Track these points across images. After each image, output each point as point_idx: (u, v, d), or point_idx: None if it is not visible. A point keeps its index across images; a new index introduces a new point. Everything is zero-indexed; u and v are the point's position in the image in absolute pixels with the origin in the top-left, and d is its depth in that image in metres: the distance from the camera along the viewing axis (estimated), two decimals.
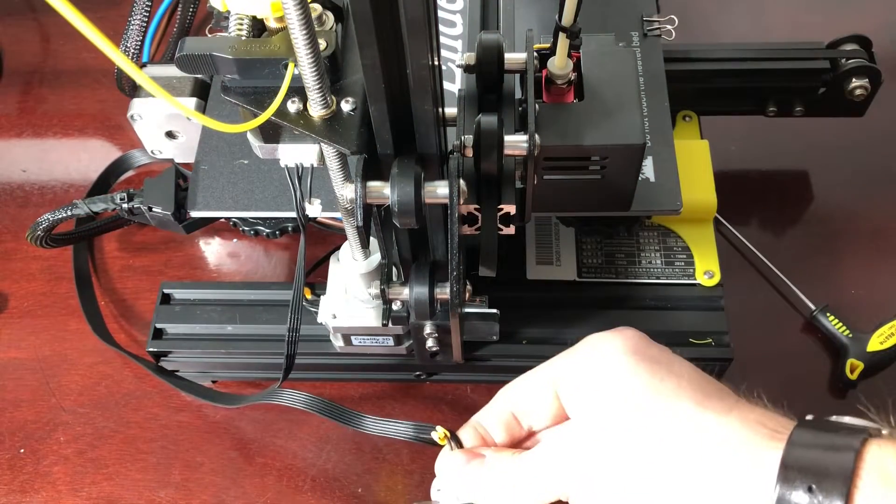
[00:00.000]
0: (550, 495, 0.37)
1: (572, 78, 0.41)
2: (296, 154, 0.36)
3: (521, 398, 0.40)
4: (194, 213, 0.48)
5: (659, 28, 0.51)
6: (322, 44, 0.32)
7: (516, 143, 0.36)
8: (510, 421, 0.41)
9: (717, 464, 0.32)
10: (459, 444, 0.42)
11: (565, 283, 0.51)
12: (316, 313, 0.47)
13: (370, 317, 0.46)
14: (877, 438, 0.31)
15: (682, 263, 0.51)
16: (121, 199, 0.50)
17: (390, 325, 0.44)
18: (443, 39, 0.50)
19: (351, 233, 0.41)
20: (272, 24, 0.33)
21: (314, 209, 0.38)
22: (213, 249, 0.60)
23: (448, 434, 0.42)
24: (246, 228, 0.57)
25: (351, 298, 0.46)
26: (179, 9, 0.65)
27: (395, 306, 0.43)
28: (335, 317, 0.46)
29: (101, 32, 0.22)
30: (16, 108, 0.68)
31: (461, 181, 0.34)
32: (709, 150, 0.53)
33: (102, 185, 0.62)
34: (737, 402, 0.35)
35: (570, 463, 0.36)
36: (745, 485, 0.31)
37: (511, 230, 0.39)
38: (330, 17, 0.34)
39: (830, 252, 0.57)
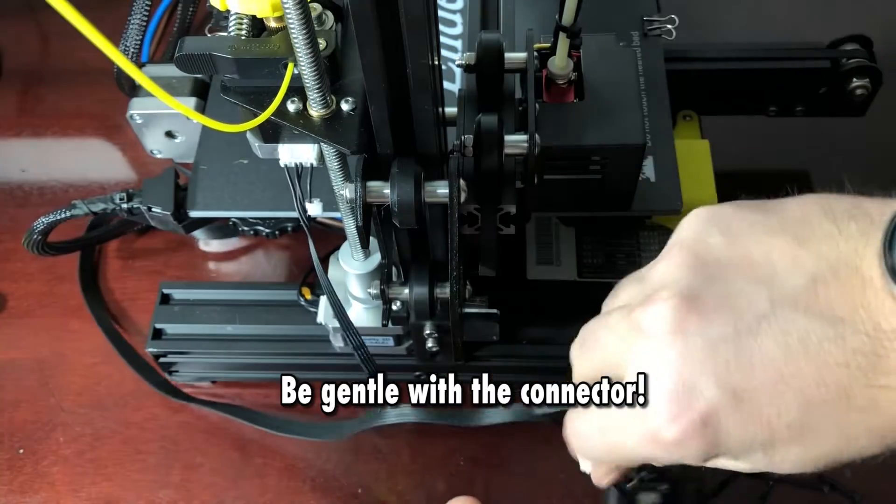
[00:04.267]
0: None
1: (572, 77, 0.41)
2: (295, 153, 0.36)
3: None
4: (193, 214, 0.48)
5: (659, 28, 0.51)
6: (322, 43, 0.32)
7: (516, 142, 0.36)
8: None
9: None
10: None
11: (565, 283, 0.51)
12: (316, 313, 0.47)
13: (370, 317, 0.46)
14: None
15: None
16: (120, 199, 0.50)
17: (390, 325, 0.44)
18: (443, 39, 0.50)
19: (351, 233, 0.41)
20: (272, 23, 0.33)
21: (314, 209, 0.38)
22: (213, 249, 0.60)
23: None
24: (245, 228, 0.57)
25: (351, 298, 0.46)
26: (179, 8, 0.64)
27: (395, 306, 0.42)
28: (335, 317, 0.46)
29: (99, 32, 0.22)
30: (15, 107, 0.68)
31: (461, 181, 0.34)
32: (709, 149, 0.53)
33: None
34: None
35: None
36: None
37: (511, 230, 0.39)
38: (330, 17, 0.34)
39: None
